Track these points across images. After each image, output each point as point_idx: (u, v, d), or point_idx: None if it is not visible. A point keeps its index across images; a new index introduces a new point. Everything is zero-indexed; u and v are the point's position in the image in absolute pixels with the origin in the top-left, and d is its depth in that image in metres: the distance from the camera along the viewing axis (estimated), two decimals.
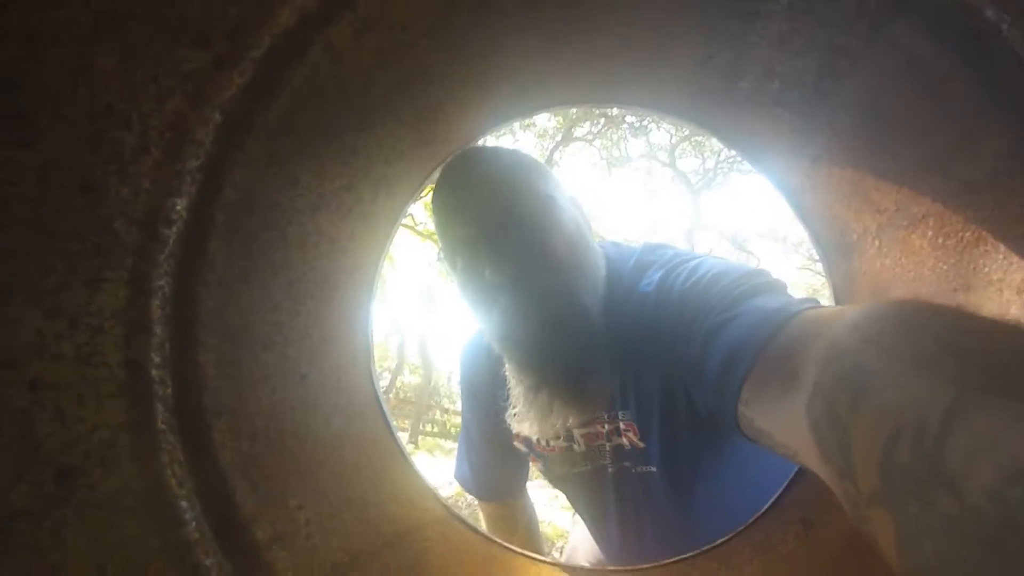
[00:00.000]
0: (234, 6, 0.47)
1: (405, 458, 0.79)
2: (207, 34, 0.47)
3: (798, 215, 0.79)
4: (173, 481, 0.46)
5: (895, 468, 0.29)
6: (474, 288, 0.77)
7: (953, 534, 0.24)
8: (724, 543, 0.75)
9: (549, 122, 8.57)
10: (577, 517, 1.16)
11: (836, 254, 0.75)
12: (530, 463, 1.09)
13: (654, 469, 0.85)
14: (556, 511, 4.35)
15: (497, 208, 0.74)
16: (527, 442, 0.99)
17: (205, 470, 0.49)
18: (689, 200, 10.30)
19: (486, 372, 0.99)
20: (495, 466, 1.12)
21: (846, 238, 0.70)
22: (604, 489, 0.93)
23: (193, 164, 0.49)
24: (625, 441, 0.86)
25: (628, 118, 8.63)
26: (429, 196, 0.87)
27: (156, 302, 0.47)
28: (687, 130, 8.57)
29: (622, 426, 0.85)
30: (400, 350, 11.35)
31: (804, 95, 0.63)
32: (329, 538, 0.60)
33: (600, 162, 10.38)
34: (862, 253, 0.68)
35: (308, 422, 0.64)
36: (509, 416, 0.80)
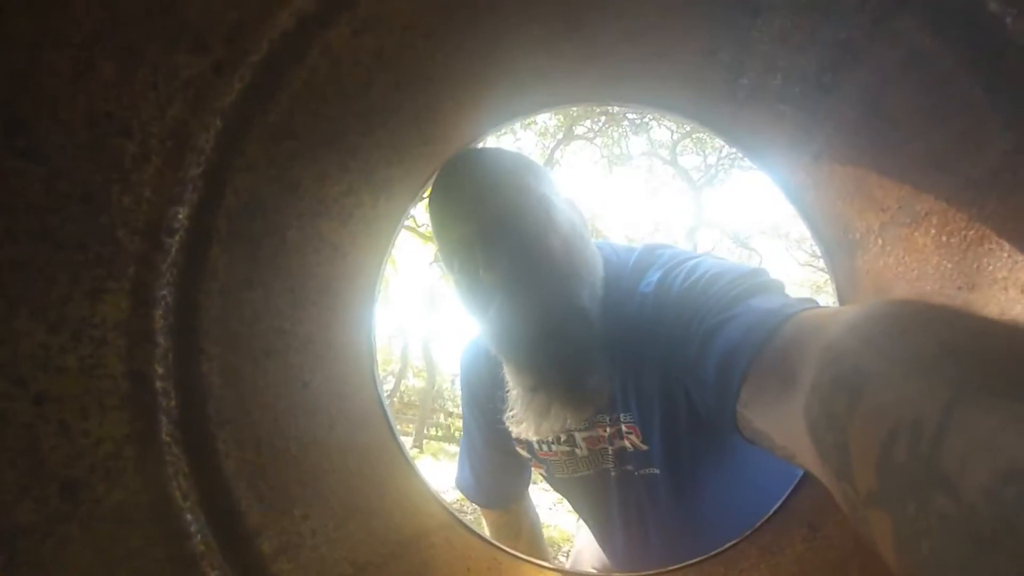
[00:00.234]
0: (232, 10, 0.47)
1: (409, 464, 0.79)
2: (205, 39, 0.46)
3: (800, 213, 0.79)
4: (178, 493, 0.46)
5: (892, 468, 0.29)
6: (471, 289, 0.76)
7: (950, 534, 0.24)
8: (731, 547, 0.75)
9: (550, 120, 8.57)
10: (582, 522, 1.15)
11: (839, 252, 0.74)
12: (532, 468, 1.09)
13: (657, 471, 0.85)
14: (560, 515, 4.34)
15: (492, 209, 0.73)
16: (529, 447, 0.99)
17: (210, 481, 0.49)
18: (691, 197, 10.30)
19: (486, 376, 0.98)
20: (497, 472, 1.11)
21: (849, 236, 0.70)
22: (607, 493, 0.93)
23: (194, 171, 0.49)
24: (627, 443, 0.86)
25: (629, 115, 8.62)
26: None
27: (159, 312, 0.47)
28: (688, 127, 8.57)
29: (624, 428, 0.85)
30: (403, 353, 11.33)
31: (806, 91, 0.62)
32: (335, 548, 0.59)
33: (601, 160, 10.38)
34: (865, 251, 0.68)
35: (312, 430, 0.64)
36: (507, 419, 0.79)
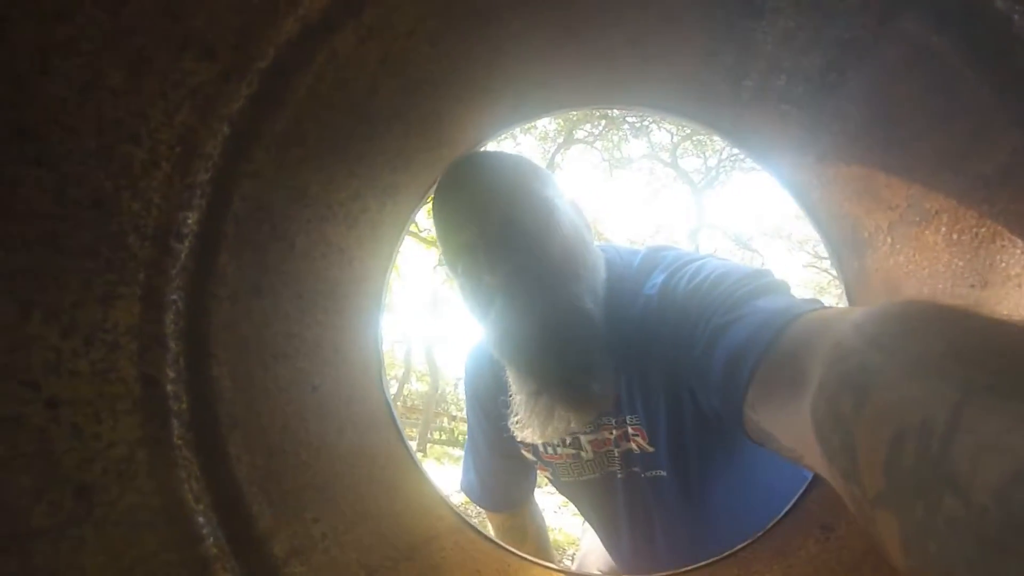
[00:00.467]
0: (239, 18, 0.47)
1: (418, 468, 0.79)
2: (213, 47, 0.47)
3: (807, 213, 0.79)
4: (190, 496, 0.46)
5: (900, 469, 0.28)
6: (474, 292, 0.76)
7: (958, 535, 0.24)
8: (743, 549, 0.75)
9: (550, 125, 8.58)
10: (588, 525, 1.15)
11: (847, 252, 0.74)
12: (538, 471, 1.08)
13: (664, 473, 0.85)
14: (565, 518, 4.32)
15: (495, 211, 0.73)
16: (534, 450, 0.98)
17: (222, 484, 0.49)
18: (692, 200, 10.29)
19: (490, 381, 0.98)
20: (503, 476, 1.11)
21: (857, 235, 0.70)
22: (614, 496, 0.92)
23: (203, 177, 0.49)
24: (634, 446, 0.85)
25: (629, 119, 8.62)
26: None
27: (170, 316, 0.47)
28: (688, 129, 8.56)
29: (630, 431, 0.85)
30: (407, 358, 11.34)
31: (810, 91, 0.62)
32: (346, 551, 0.59)
33: (602, 164, 10.39)
34: (874, 250, 0.67)
35: (322, 434, 0.64)
36: (511, 423, 0.79)
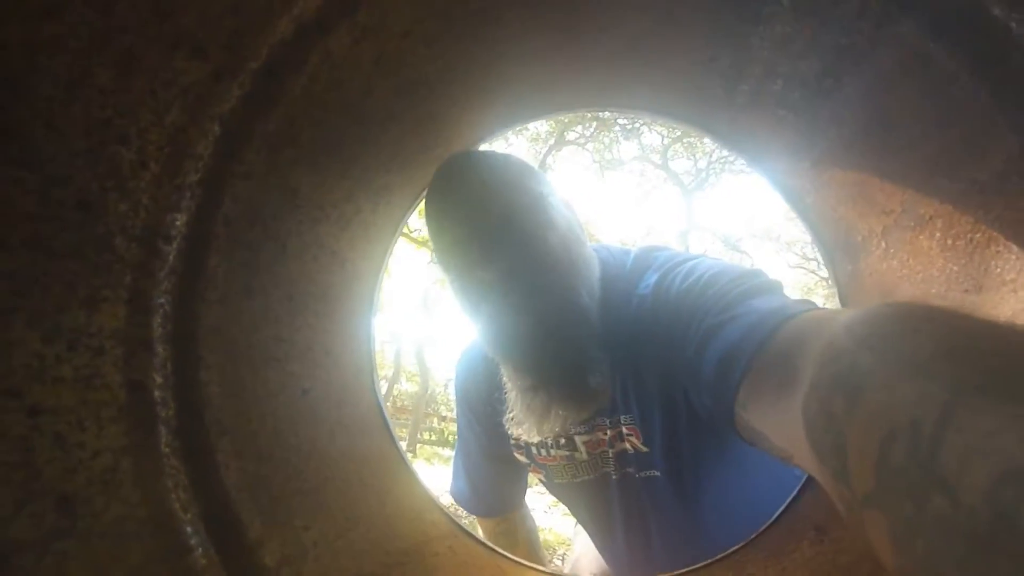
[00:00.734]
0: (231, 17, 0.46)
1: (410, 472, 0.78)
2: (204, 46, 0.46)
3: (800, 216, 0.79)
4: (178, 506, 0.45)
5: (890, 469, 0.29)
6: (468, 289, 0.75)
7: (947, 534, 0.24)
8: (737, 551, 0.75)
9: (541, 126, 8.60)
10: (580, 527, 1.14)
11: (841, 256, 0.74)
12: (530, 473, 1.08)
13: (658, 473, 0.84)
14: (556, 518, 4.32)
15: (489, 206, 0.73)
16: (527, 452, 0.98)
17: (210, 493, 0.48)
18: (682, 201, 10.35)
19: (483, 382, 0.97)
20: (494, 481, 1.10)
21: (851, 240, 0.70)
22: (608, 497, 0.92)
23: (193, 178, 0.48)
24: (628, 446, 0.85)
25: (620, 120, 8.66)
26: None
27: (157, 320, 0.46)
28: (679, 131, 8.61)
29: (625, 431, 0.84)
30: (397, 358, 11.30)
31: (806, 96, 0.62)
32: (337, 558, 0.58)
33: (593, 165, 10.43)
34: (868, 254, 0.68)
35: (312, 438, 0.63)
36: (506, 420, 0.79)
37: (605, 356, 0.74)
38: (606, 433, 0.86)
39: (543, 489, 1.08)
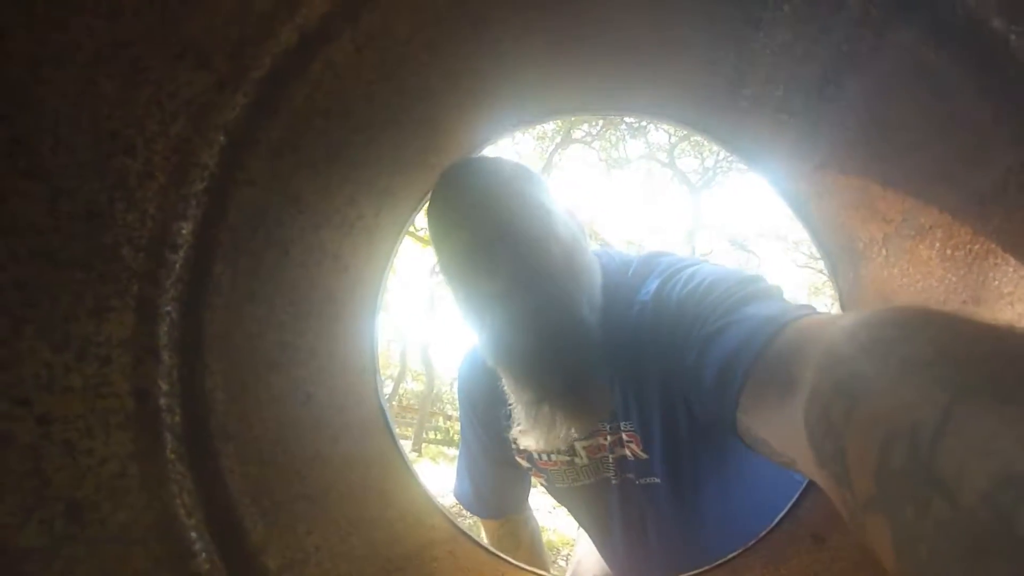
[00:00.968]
0: (234, 27, 0.47)
1: (412, 475, 0.79)
2: (208, 56, 0.46)
3: (802, 222, 0.79)
4: (183, 511, 0.46)
5: (890, 474, 0.29)
6: (470, 299, 0.76)
7: (947, 538, 0.24)
8: (735, 557, 0.75)
9: (548, 125, 8.58)
10: (582, 530, 1.14)
11: (842, 262, 0.74)
12: (532, 478, 1.08)
13: (658, 480, 0.85)
14: (560, 519, 4.32)
15: (492, 217, 0.73)
16: (529, 457, 0.98)
17: (214, 498, 0.49)
18: (689, 200, 10.31)
19: (486, 387, 0.97)
20: (497, 483, 1.10)
21: (852, 246, 0.70)
22: (608, 502, 0.92)
23: (198, 187, 0.49)
24: (628, 452, 0.85)
25: (627, 119, 8.63)
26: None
27: (163, 328, 0.47)
28: (686, 130, 8.57)
29: (625, 437, 0.85)
30: (402, 357, 11.31)
31: (808, 101, 0.62)
32: (339, 563, 0.59)
33: (599, 164, 10.40)
34: (868, 262, 0.67)
35: (316, 443, 0.64)
36: (514, 432, 0.79)
37: (606, 370, 0.74)
38: (606, 438, 0.86)
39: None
